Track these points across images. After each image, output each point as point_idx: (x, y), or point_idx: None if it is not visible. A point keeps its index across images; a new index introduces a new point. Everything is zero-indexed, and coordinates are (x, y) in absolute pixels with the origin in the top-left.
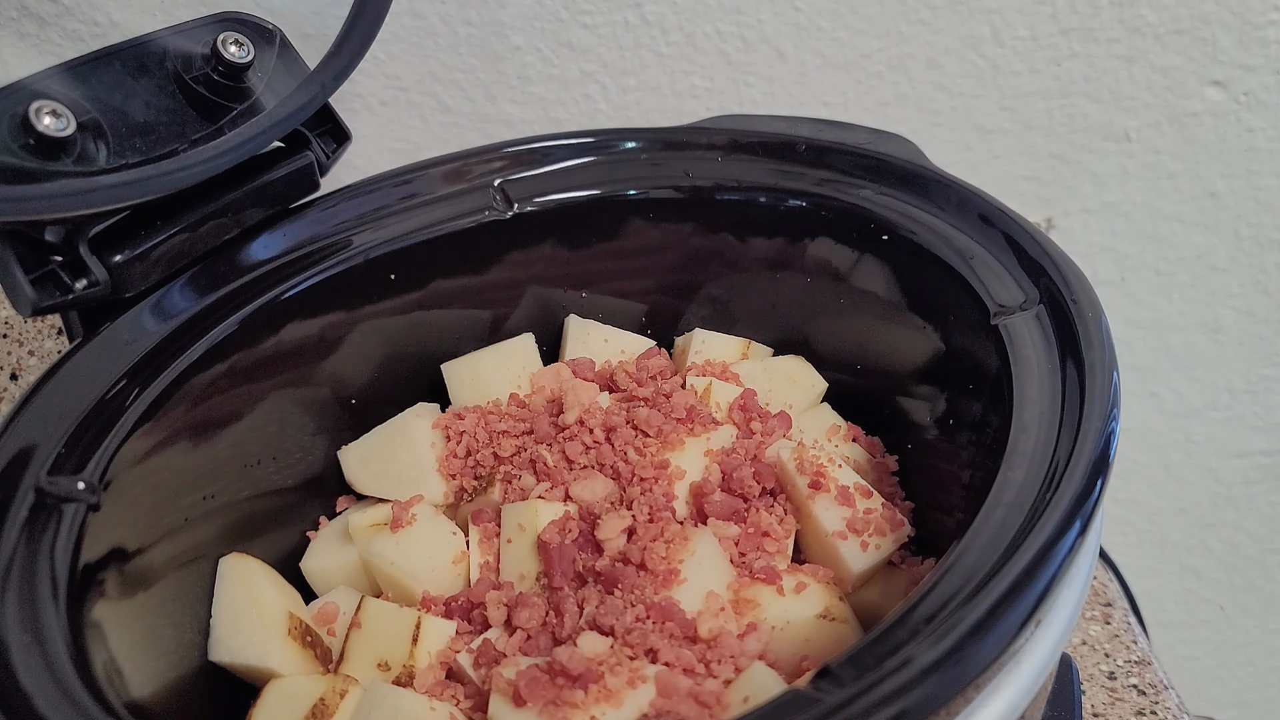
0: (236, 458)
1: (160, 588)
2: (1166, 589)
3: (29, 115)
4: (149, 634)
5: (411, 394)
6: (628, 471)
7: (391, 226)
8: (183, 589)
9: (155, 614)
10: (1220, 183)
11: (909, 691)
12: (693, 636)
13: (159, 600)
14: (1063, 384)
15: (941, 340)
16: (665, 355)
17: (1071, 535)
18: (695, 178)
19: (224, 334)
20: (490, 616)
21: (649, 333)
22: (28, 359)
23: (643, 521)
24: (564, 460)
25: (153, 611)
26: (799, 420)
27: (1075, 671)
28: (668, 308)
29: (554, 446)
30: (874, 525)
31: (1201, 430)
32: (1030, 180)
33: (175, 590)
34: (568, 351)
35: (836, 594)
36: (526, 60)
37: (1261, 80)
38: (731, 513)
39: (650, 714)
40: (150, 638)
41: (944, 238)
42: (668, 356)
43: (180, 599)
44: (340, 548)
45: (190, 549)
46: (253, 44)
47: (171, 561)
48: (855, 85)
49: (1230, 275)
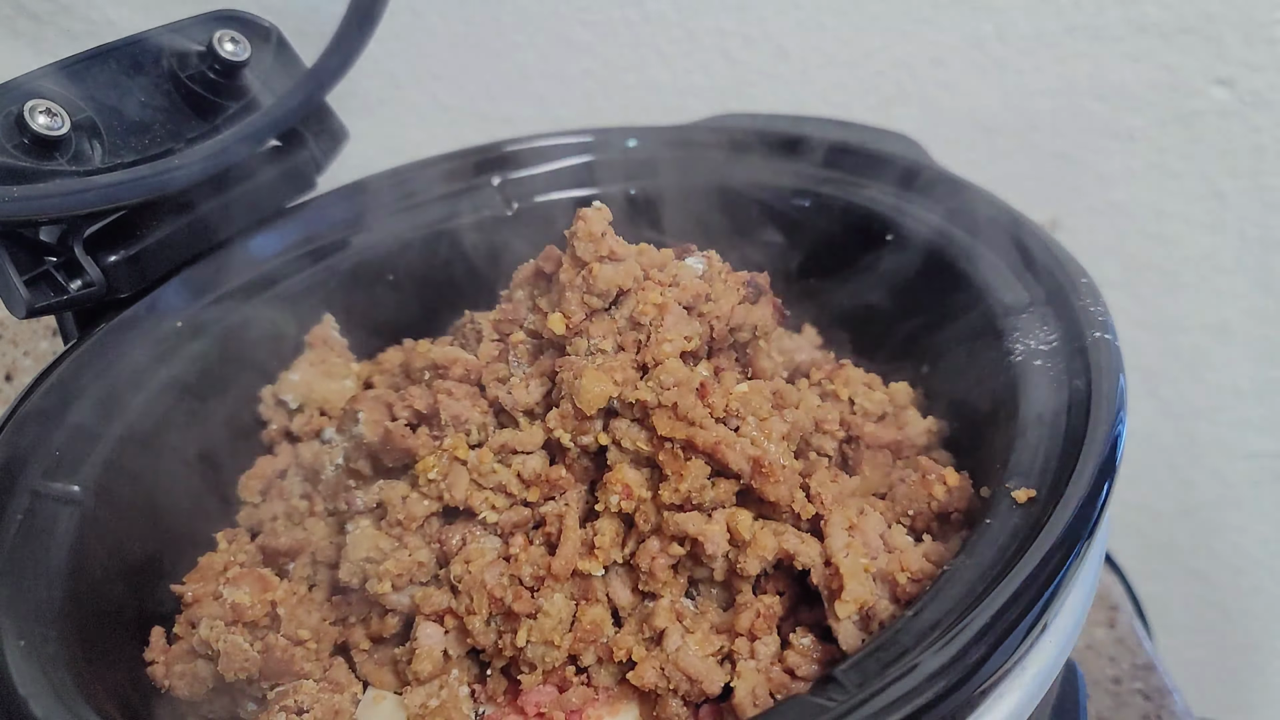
0: (230, 455)
1: (156, 588)
2: (1172, 592)
3: (24, 114)
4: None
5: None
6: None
7: (389, 226)
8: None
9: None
10: (1226, 183)
11: (915, 698)
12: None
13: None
14: (1068, 386)
15: (946, 340)
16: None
17: (1078, 540)
18: (696, 177)
19: (220, 334)
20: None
21: None
22: (22, 360)
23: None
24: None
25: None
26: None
27: (1080, 676)
28: None
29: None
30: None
31: (1207, 432)
32: (1035, 179)
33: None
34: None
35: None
36: (526, 58)
37: (1268, 79)
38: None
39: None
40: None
41: (948, 238)
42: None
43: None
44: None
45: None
46: (249, 42)
47: (166, 563)
48: (858, 83)
49: (1236, 276)
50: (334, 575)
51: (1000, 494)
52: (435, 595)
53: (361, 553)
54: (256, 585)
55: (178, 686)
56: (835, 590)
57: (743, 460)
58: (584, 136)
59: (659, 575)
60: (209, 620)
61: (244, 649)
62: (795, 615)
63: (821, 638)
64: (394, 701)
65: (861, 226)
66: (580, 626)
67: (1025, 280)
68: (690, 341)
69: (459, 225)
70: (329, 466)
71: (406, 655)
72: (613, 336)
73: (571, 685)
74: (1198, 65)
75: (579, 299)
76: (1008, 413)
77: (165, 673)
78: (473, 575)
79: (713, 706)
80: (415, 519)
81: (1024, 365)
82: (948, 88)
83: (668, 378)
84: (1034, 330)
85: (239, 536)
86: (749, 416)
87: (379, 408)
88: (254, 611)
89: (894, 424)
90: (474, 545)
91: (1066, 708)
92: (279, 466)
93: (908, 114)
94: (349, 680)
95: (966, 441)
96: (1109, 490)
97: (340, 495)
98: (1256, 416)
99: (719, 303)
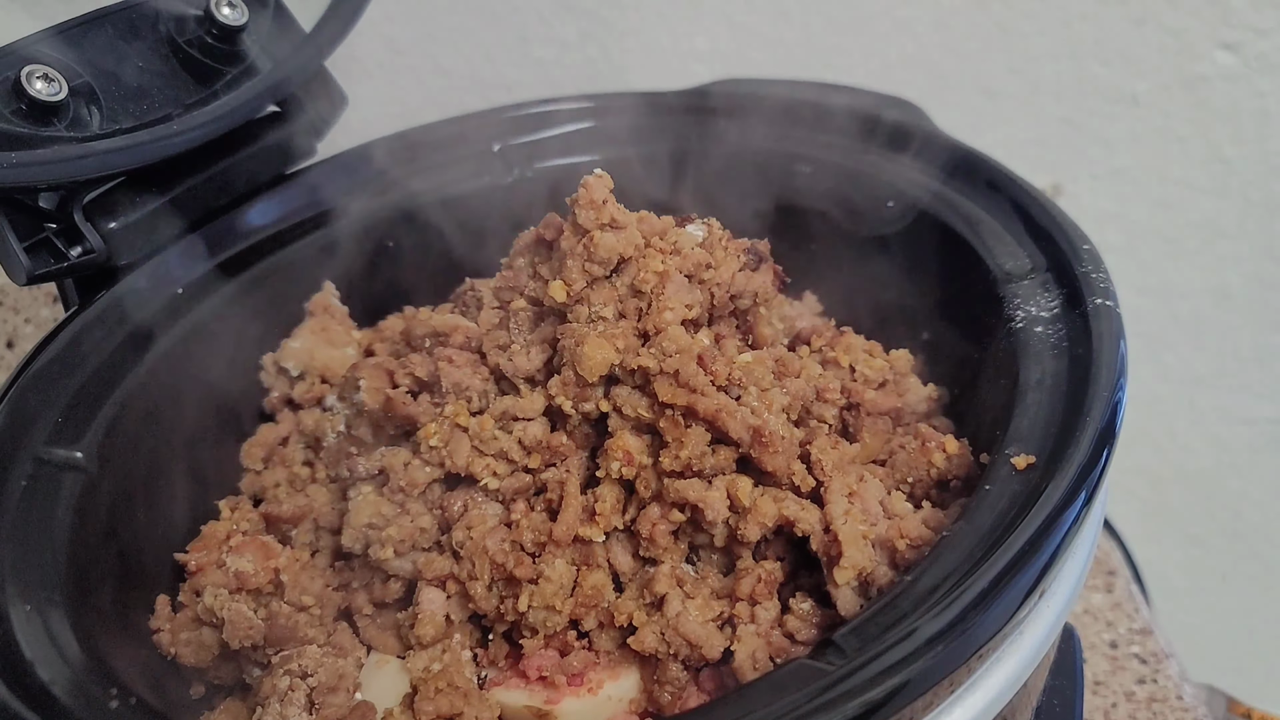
0: (232, 423)
1: (159, 554)
2: (1169, 557)
3: (21, 79)
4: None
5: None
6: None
7: (389, 192)
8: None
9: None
10: (1230, 148)
11: (913, 662)
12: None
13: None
14: (1069, 353)
15: (947, 307)
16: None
17: (1076, 506)
18: (698, 142)
19: (221, 301)
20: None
21: None
22: (24, 327)
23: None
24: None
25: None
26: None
27: (1077, 640)
28: None
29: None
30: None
31: (1207, 397)
32: (1038, 145)
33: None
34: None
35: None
36: (525, 21)
37: (1274, 43)
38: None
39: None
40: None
41: (951, 204)
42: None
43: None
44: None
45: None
46: (247, 6)
47: (170, 528)
48: (860, 48)
49: (1239, 241)
50: (336, 541)
51: (1000, 460)
52: (437, 561)
53: (364, 519)
54: (259, 553)
55: (184, 654)
56: (834, 557)
57: (743, 429)
58: (584, 102)
59: (659, 541)
60: (213, 589)
61: (248, 617)
62: (795, 580)
63: (821, 603)
64: (397, 665)
65: (863, 192)
66: (581, 592)
67: (1027, 246)
68: (691, 310)
69: (459, 192)
70: (331, 434)
71: (409, 620)
72: (614, 304)
73: (573, 650)
74: (1203, 29)
75: (580, 267)
76: (1008, 379)
77: (171, 640)
78: (474, 541)
79: (713, 670)
80: (417, 485)
81: (1025, 332)
82: (951, 52)
83: (670, 345)
84: (1035, 297)
85: (241, 504)
86: (750, 387)
87: (380, 375)
88: (257, 579)
89: (894, 391)
90: (476, 511)
91: (1064, 671)
92: (281, 434)
93: (910, 78)
94: (353, 645)
95: (967, 408)
96: (1108, 457)
97: (342, 462)
98: (1256, 382)
99: (719, 270)
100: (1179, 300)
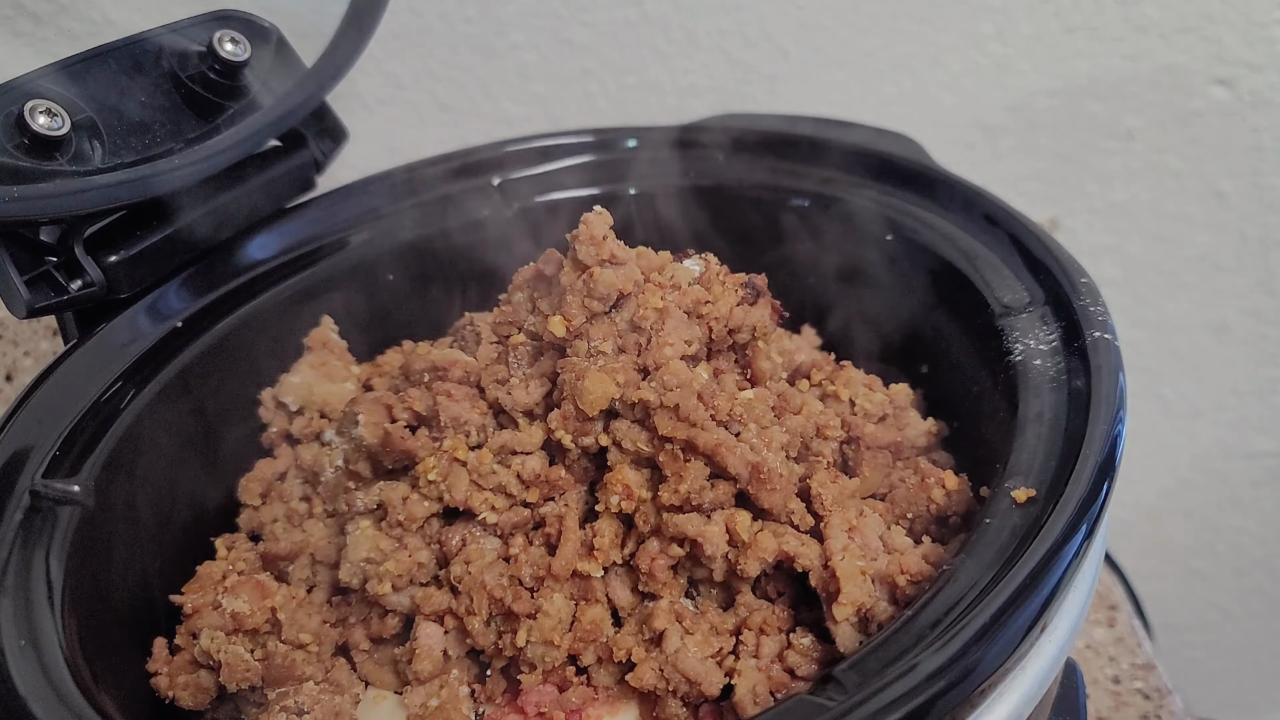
0: (229, 458)
1: (155, 589)
2: (1171, 592)
3: (24, 114)
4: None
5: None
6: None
7: (389, 227)
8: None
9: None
10: (1225, 182)
11: (914, 697)
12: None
13: (154, 601)
14: (1068, 386)
15: (946, 340)
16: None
17: (1077, 540)
18: (696, 177)
19: (220, 335)
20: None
21: None
22: (23, 360)
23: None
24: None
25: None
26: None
27: (1080, 675)
28: None
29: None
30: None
31: (1207, 432)
32: (1034, 180)
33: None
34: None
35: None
36: (526, 58)
37: (1267, 79)
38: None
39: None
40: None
41: (948, 238)
42: None
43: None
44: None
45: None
46: (249, 42)
47: (167, 562)
48: (858, 83)
49: (1236, 276)
50: (334, 576)
51: (1000, 494)
52: (435, 595)
53: (361, 553)
54: (255, 593)
55: (182, 697)
56: (833, 593)
57: (742, 464)
58: (584, 137)
59: (659, 576)
60: (209, 631)
61: (245, 659)
62: (795, 615)
63: (821, 638)
64: (394, 701)
65: (861, 227)
66: (580, 627)
67: (1025, 280)
68: (690, 345)
69: (458, 226)
70: (329, 468)
71: (406, 655)
72: (613, 339)
73: (571, 685)
74: (1197, 65)
75: (580, 302)
76: (1007, 412)
77: (169, 684)
78: (473, 576)
79: (712, 706)
80: (415, 520)
81: (1024, 365)
82: (947, 88)
83: (670, 379)
84: (1034, 330)
85: (238, 542)
86: (750, 423)
87: (378, 409)
88: (254, 619)
89: (894, 425)
90: (474, 546)
91: (1066, 707)
92: (279, 469)
93: (907, 114)
94: (350, 681)
95: (966, 442)
96: (1109, 490)
97: (340, 497)
98: (1256, 416)
99: (717, 305)
100: (1177, 334)
